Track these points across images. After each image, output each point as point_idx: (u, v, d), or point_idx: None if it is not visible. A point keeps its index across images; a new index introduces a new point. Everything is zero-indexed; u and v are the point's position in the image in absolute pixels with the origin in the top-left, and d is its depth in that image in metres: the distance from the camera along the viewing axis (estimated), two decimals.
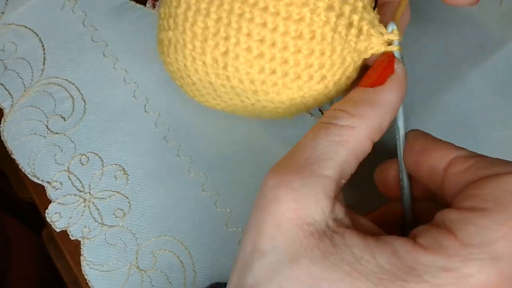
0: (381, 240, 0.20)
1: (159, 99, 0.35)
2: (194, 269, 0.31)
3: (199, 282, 0.31)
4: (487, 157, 0.21)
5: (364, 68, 0.26)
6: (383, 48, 0.24)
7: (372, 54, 0.24)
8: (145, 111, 0.35)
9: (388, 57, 0.23)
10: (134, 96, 0.35)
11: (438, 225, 0.20)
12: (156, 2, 0.37)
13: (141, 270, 0.31)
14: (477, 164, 0.21)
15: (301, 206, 0.20)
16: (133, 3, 0.37)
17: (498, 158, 0.21)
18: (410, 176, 0.25)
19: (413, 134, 0.24)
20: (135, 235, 0.32)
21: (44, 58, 0.36)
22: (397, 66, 0.23)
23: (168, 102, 0.35)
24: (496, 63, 0.35)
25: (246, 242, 0.21)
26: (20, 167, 0.34)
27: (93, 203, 0.33)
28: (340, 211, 0.21)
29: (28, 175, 0.33)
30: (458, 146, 0.22)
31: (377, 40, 0.24)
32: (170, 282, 0.31)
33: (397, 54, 0.24)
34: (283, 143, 0.33)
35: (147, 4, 0.37)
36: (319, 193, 0.20)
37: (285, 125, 0.34)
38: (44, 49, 0.36)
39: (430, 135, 0.24)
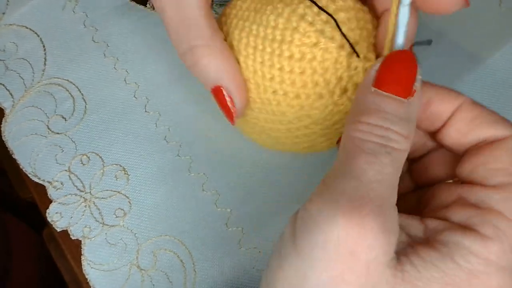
0: (450, 243, 0.20)
1: (159, 99, 0.35)
2: (194, 269, 0.32)
3: (199, 282, 0.31)
4: (487, 110, 0.22)
5: None
6: None
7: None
8: (146, 111, 0.35)
9: (411, 59, 0.22)
10: (134, 96, 0.35)
11: (483, 208, 0.20)
12: None
13: (141, 269, 0.32)
14: (481, 117, 0.22)
15: (390, 245, 0.20)
16: (134, 3, 0.37)
17: (495, 114, 0.22)
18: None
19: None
20: (136, 234, 0.32)
21: (45, 59, 0.36)
22: (418, 72, 0.22)
23: (168, 103, 0.35)
24: (496, 63, 0.35)
25: None
26: (21, 167, 0.34)
27: (94, 203, 0.33)
28: (402, 233, 0.21)
29: (29, 175, 0.33)
30: (458, 92, 0.23)
31: None
32: (171, 282, 0.31)
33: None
34: None
35: (147, 5, 0.37)
36: (397, 224, 0.20)
37: None
38: (45, 50, 0.36)
39: (432, 84, 0.23)
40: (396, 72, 0.21)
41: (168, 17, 0.25)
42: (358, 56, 0.24)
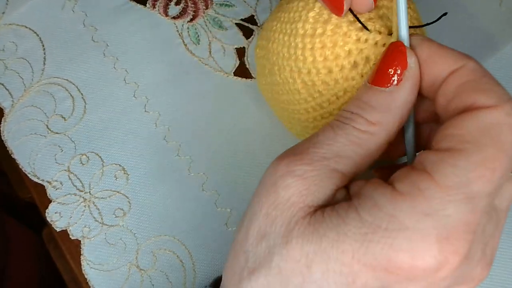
0: (362, 194, 0.20)
1: (159, 99, 0.35)
2: (194, 269, 0.31)
3: (199, 282, 0.31)
4: (487, 78, 0.20)
5: None
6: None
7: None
8: (145, 111, 0.35)
9: (399, 49, 0.22)
10: (134, 96, 0.35)
11: (416, 168, 0.19)
12: (156, 2, 0.37)
13: (141, 269, 0.31)
14: (474, 82, 0.20)
15: (310, 193, 0.20)
16: (133, 3, 0.37)
17: (492, 82, 0.20)
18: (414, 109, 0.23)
19: (416, 41, 0.22)
20: (135, 234, 0.32)
21: (45, 58, 0.36)
22: (410, 61, 0.21)
23: (168, 102, 0.35)
24: (496, 63, 0.35)
25: (254, 225, 0.21)
26: (20, 166, 0.34)
27: (93, 202, 0.33)
28: (341, 192, 0.21)
29: (29, 175, 0.33)
30: (465, 55, 0.21)
31: None
32: (170, 282, 0.31)
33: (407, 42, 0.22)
34: (283, 143, 0.33)
35: (147, 4, 0.37)
36: (331, 185, 0.21)
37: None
38: (44, 49, 0.36)
39: (435, 42, 0.22)
40: (381, 63, 0.22)
41: None
42: (367, 29, 0.24)
